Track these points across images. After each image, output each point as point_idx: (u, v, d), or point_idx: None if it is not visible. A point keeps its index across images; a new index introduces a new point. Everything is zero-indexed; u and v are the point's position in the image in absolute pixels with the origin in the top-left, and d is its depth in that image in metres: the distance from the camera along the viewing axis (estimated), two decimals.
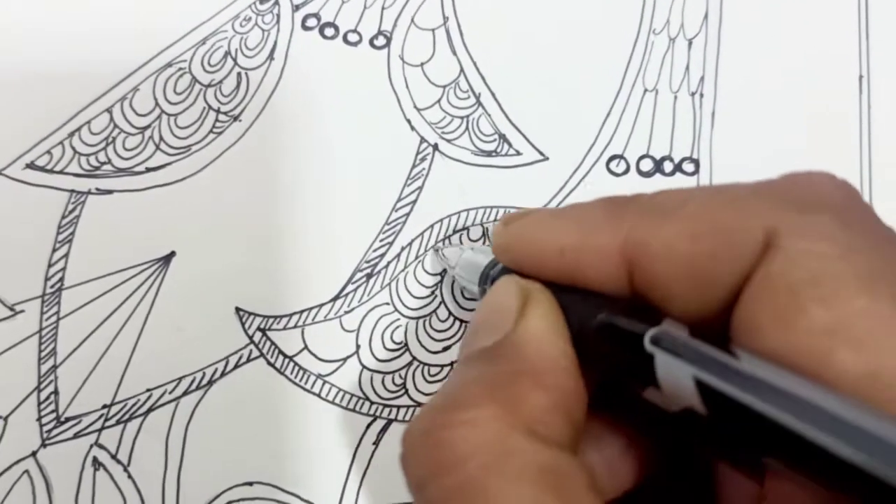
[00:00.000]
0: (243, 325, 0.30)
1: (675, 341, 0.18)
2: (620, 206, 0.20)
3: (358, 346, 0.31)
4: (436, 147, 0.33)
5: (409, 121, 0.33)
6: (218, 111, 0.32)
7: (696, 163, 0.34)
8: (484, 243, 0.32)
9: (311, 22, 0.34)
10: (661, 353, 0.18)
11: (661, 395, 0.18)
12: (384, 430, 0.30)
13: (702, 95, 0.34)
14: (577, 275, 0.21)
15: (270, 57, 0.33)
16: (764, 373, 0.16)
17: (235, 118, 0.32)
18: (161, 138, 0.32)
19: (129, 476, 0.29)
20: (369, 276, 0.31)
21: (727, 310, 0.18)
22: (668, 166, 0.34)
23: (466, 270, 0.28)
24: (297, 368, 0.30)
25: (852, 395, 0.15)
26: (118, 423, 0.29)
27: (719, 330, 0.18)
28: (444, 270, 0.31)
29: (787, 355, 0.16)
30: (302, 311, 0.31)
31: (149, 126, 0.32)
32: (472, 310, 0.31)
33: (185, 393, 0.29)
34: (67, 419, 0.29)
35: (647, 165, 0.33)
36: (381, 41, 0.34)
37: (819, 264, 0.17)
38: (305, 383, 0.30)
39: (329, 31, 0.34)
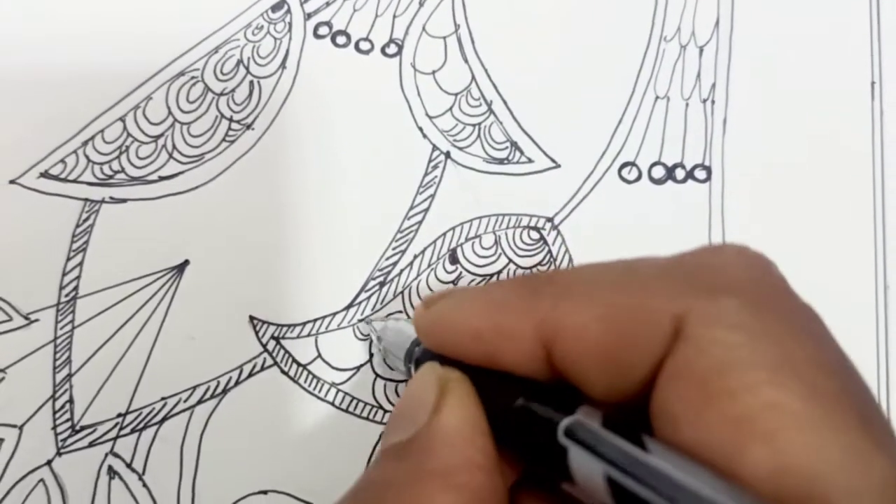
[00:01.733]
0: (257, 333, 0.30)
1: (588, 433, 0.17)
2: (536, 286, 0.20)
3: (371, 355, 0.31)
4: (448, 155, 0.33)
5: (420, 129, 0.33)
6: (231, 119, 0.32)
7: (708, 170, 0.34)
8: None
9: (323, 30, 0.34)
10: (574, 446, 0.17)
11: (577, 489, 0.17)
12: None
13: (713, 102, 0.34)
14: (495, 358, 0.20)
15: (283, 65, 0.33)
16: (673, 470, 0.16)
17: (248, 126, 0.32)
18: (174, 147, 0.32)
19: (144, 485, 0.29)
20: (382, 284, 0.31)
21: (645, 393, 0.18)
22: (679, 173, 0.34)
23: (394, 347, 0.27)
24: (310, 377, 0.30)
25: (762, 491, 0.15)
26: (133, 431, 0.29)
27: (640, 413, 0.18)
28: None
29: (700, 448, 0.16)
30: (315, 320, 0.31)
31: (162, 135, 0.32)
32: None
33: (200, 401, 0.30)
34: (82, 428, 0.29)
35: (658, 172, 0.33)
36: (392, 49, 0.34)
37: (727, 353, 0.16)
38: (319, 391, 0.30)
39: (341, 40, 0.34)
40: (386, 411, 0.30)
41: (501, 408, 0.19)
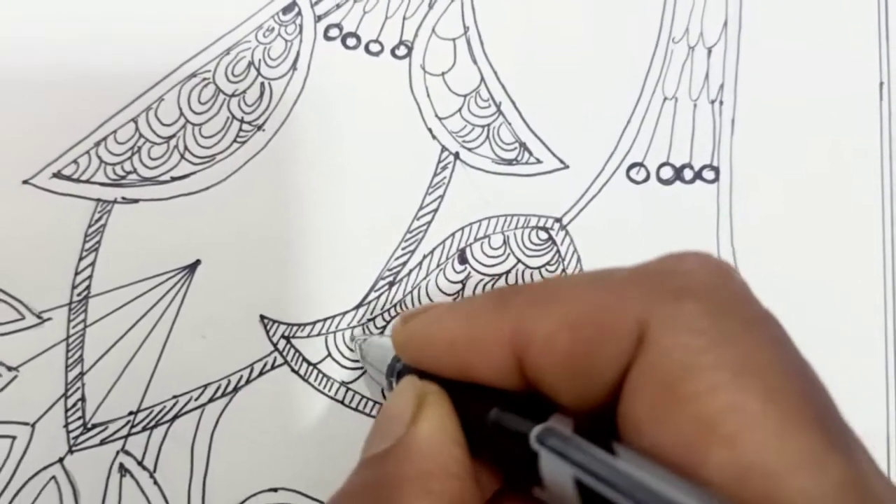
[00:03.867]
0: (268, 332, 0.31)
1: (558, 439, 0.18)
2: (507, 297, 0.20)
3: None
4: (457, 156, 0.33)
5: (430, 130, 0.33)
6: (242, 121, 0.33)
7: (717, 170, 0.34)
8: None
9: (334, 32, 0.34)
10: (545, 451, 0.18)
11: (547, 494, 0.18)
12: None
13: (721, 103, 0.35)
14: (469, 370, 0.21)
15: (293, 67, 0.34)
16: (640, 473, 0.16)
17: (259, 128, 0.33)
18: (186, 148, 0.32)
19: (155, 482, 0.29)
20: (392, 284, 0.32)
21: (613, 400, 0.18)
22: (688, 174, 0.34)
23: (376, 362, 0.28)
24: (320, 376, 0.30)
25: (726, 492, 0.15)
26: (144, 429, 0.29)
27: (609, 421, 0.18)
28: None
29: (665, 451, 0.16)
30: (325, 319, 0.31)
31: (174, 135, 0.32)
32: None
33: (211, 400, 0.30)
34: (94, 426, 0.29)
35: (667, 173, 0.34)
36: (402, 51, 0.34)
37: (689, 358, 0.17)
38: (329, 390, 0.30)
39: (351, 42, 0.34)
40: None
41: (477, 419, 0.20)
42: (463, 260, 0.32)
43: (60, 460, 0.29)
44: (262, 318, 0.31)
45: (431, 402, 0.21)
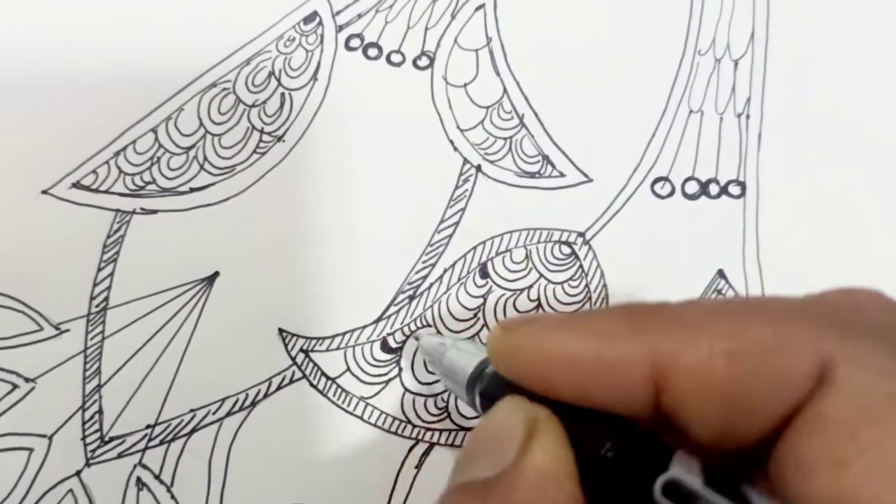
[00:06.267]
0: (286, 346, 0.30)
1: (687, 494, 0.16)
2: (644, 315, 0.19)
3: (400, 369, 0.30)
4: (479, 168, 0.33)
5: (452, 141, 0.33)
6: (262, 131, 0.32)
7: (743, 185, 0.33)
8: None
9: (355, 42, 0.34)
10: None
11: None
12: (426, 453, 0.30)
13: (748, 117, 0.34)
14: (593, 393, 0.19)
15: (314, 77, 0.33)
16: None
17: (279, 138, 0.32)
18: (205, 158, 0.32)
19: (173, 497, 0.29)
20: (412, 297, 0.31)
21: (764, 439, 0.17)
22: (713, 189, 0.33)
23: (455, 368, 0.25)
24: (339, 390, 0.30)
25: None
26: (162, 443, 0.29)
27: (747, 458, 0.17)
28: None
29: (840, 501, 0.15)
30: (345, 333, 0.31)
31: (193, 146, 0.32)
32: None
33: (229, 414, 0.29)
34: (111, 439, 0.29)
35: (692, 188, 0.33)
36: (424, 62, 0.34)
37: (879, 402, 0.15)
38: (348, 405, 0.30)
39: (372, 52, 0.34)
40: (415, 426, 0.30)
41: (590, 451, 0.18)
42: (484, 274, 0.32)
43: (77, 473, 0.29)
44: (281, 331, 0.30)
45: (544, 429, 0.19)
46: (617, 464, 0.18)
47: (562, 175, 0.33)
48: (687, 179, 0.33)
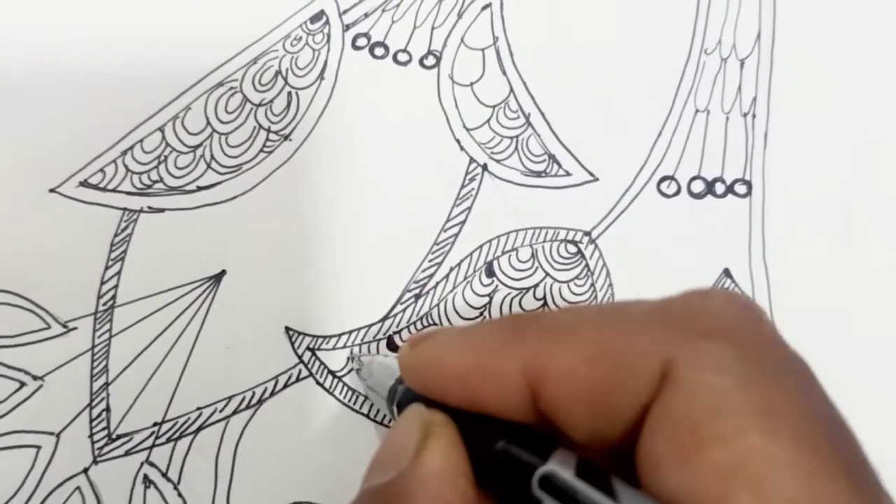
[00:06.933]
0: (293, 344, 0.30)
1: (559, 484, 0.17)
2: (521, 326, 0.20)
3: None
4: (485, 167, 0.33)
5: (458, 140, 0.33)
6: (268, 130, 0.32)
7: (749, 184, 0.33)
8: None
9: (362, 41, 0.34)
10: (547, 497, 0.17)
11: None
12: None
13: (754, 116, 0.34)
14: (479, 400, 0.20)
15: (321, 76, 0.33)
16: None
17: (286, 137, 0.32)
18: (212, 157, 0.32)
19: (179, 494, 0.29)
20: (418, 296, 0.31)
21: (631, 437, 0.18)
22: (719, 188, 0.33)
23: (377, 384, 0.27)
24: (345, 388, 0.30)
25: None
26: (169, 441, 0.29)
27: (625, 457, 0.18)
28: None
29: (686, 494, 0.16)
30: (351, 331, 0.31)
31: (200, 145, 0.32)
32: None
33: (235, 412, 0.30)
34: (119, 436, 0.29)
35: (698, 187, 0.33)
36: (430, 61, 0.34)
37: (716, 399, 0.16)
38: (354, 403, 0.30)
39: (379, 51, 0.34)
40: None
41: (483, 451, 0.19)
42: (490, 273, 0.32)
43: (85, 471, 0.29)
44: (288, 329, 0.30)
45: (438, 433, 0.20)
46: (505, 461, 0.19)
47: (568, 174, 0.33)
48: (693, 178, 0.33)
